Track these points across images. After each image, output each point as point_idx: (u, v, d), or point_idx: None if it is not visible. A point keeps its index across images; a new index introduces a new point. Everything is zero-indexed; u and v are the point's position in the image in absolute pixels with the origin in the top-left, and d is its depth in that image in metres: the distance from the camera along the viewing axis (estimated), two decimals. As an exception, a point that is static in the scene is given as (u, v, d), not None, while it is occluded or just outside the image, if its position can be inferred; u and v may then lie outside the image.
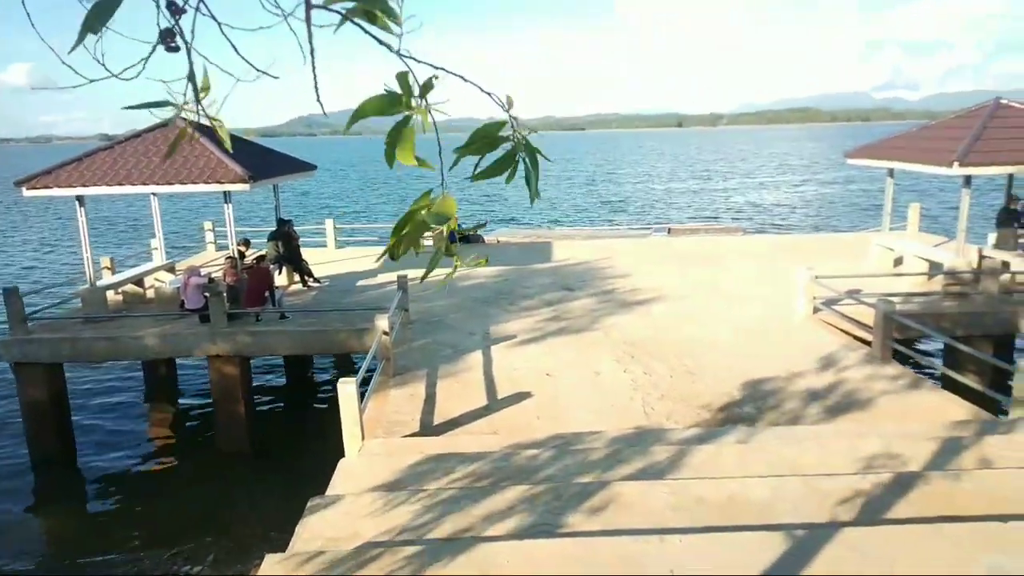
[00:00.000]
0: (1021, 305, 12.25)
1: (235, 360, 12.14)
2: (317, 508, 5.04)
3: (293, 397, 15.48)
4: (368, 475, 5.87)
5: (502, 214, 47.00)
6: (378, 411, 8.48)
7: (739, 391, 9.03)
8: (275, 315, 12.65)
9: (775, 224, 40.29)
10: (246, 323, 12.37)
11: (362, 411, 7.43)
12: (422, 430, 7.92)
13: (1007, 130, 13.63)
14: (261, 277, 12.75)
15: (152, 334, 12.16)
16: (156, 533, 10.18)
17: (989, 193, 40.99)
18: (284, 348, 12.31)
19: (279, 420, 14.40)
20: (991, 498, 5.03)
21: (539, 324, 12.45)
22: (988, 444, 6.25)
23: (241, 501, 11.05)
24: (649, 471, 5.86)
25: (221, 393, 12.33)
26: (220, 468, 11.98)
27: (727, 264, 17.08)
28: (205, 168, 12.80)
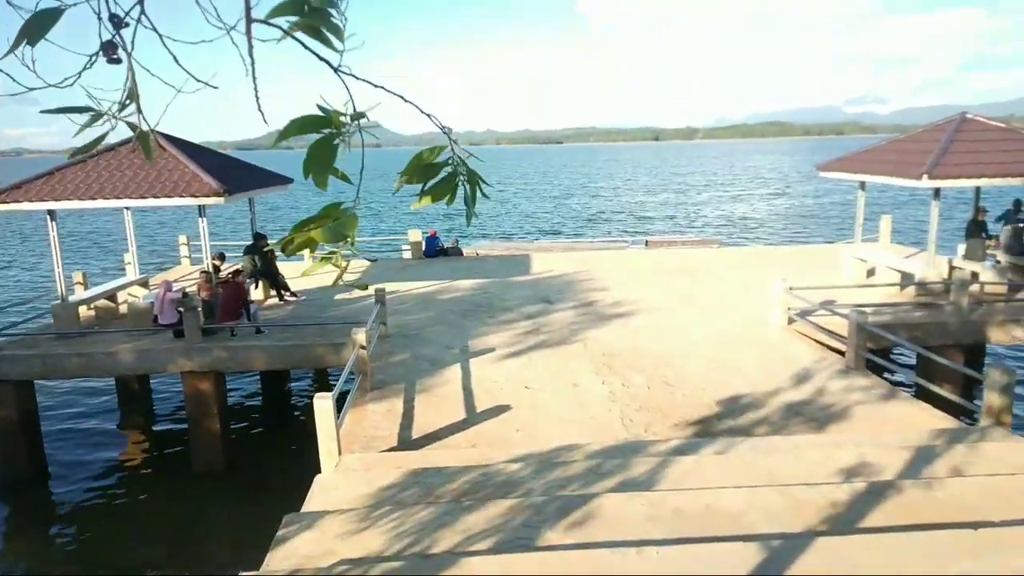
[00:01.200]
0: (990, 315, 12.49)
1: (210, 376, 11.98)
2: (292, 526, 4.98)
3: (269, 413, 15.30)
4: (344, 491, 5.80)
5: (481, 227, 47.03)
6: (355, 426, 8.41)
7: (717, 402, 9.09)
8: (251, 330, 12.52)
9: (750, 236, 40.75)
10: (221, 338, 12.22)
11: (339, 426, 7.37)
12: (400, 445, 7.87)
13: (973, 144, 13.95)
14: (236, 291, 12.62)
15: (125, 350, 11.97)
16: (129, 555, 9.97)
17: (957, 206, 41.88)
18: (260, 363, 12.18)
19: (255, 437, 14.21)
20: (962, 506, 5.10)
21: (518, 337, 12.45)
22: (959, 453, 6.35)
23: (215, 519, 10.88)
24: (628, 484, 5.87)
25: (195, 410, 12.15)
26: (194, 486, 11.78)
27: (704, 276, 17.23)
28: (179, 181, 12.68)
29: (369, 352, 9.98)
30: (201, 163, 13.18)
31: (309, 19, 1.59)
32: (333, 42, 1.59)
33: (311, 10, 1.58)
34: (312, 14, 1.59)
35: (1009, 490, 5.30)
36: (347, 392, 9.50)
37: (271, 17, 1.58)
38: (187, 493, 11.63)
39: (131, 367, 12.18)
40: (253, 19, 1.61)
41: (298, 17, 1.59)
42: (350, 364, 9.29)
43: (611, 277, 17.38)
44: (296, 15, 1.59)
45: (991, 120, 14.96)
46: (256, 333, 12.47)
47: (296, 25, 1.59)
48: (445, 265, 20.00)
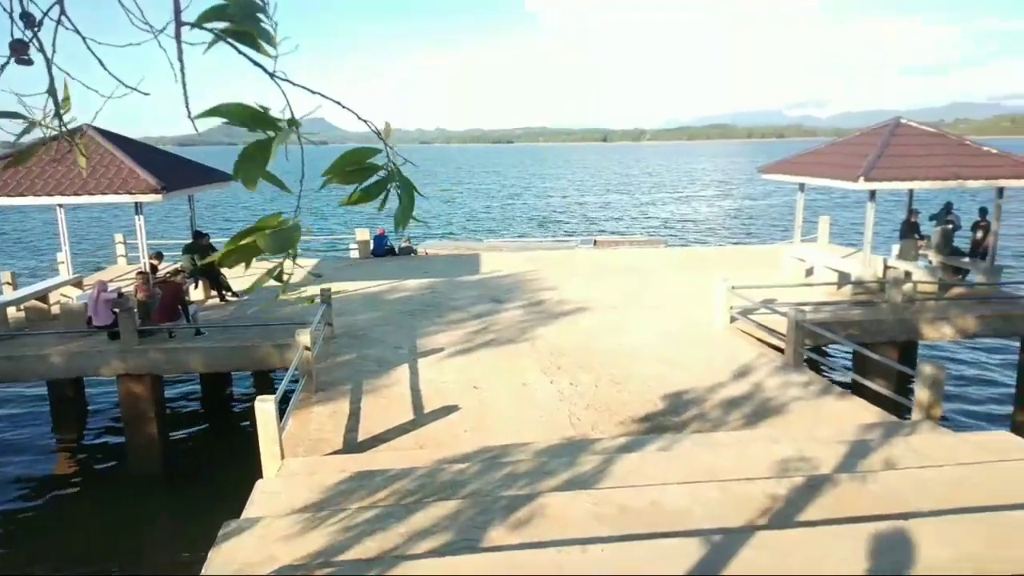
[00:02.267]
0: (922, 313, 12.99)
1: (146, 379, 11.60)
2: (231, 532, 4.84)
3: (210, 416, 14.89)
4: (287, 496, 5.68)
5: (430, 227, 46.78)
6: (299, 429, 8.25)
7: (662, 400, 9.22)
8: (190, 331, 12.16)
9: (695, 236, 41.54)
10: (158, 340, 11.85)
11: (282, 430, 7.22)
12: (346, 447, 7.75)
13: (906, 147, 14.49)
14: (174, 291, 12.25)
15: (57, 352, 11.50)
16: (62, 564, 9.58)
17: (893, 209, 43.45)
18: (199, 365, 11.84)
19: (195, 441, 13.81)
20: (894, 498, 5.28)
21: (467, 336, 12.41)
22: (892, 446, 6.57)
23: (153, 526, 10.53)
24: (574, 481, 5.90)
25: (131, 414, 11.76)
26: (131, 493, 11.39)
27: (650, 275, 17.47)
28: (115, 178, 12.24)
29: (314, 353, 9.80)
30: (138, 159, 12.75)
31: (240, 25, 1.53)
32: (265, 48, 1.54)
33: (240, 16, 1.53)
34: (243, 20, 1.53)
35: (937, 482, 5.51)
36: (291, 394, 9.32)
37: (201, 22, 1.53)
38: (124, 500, 11.24)
39: (63, 370, 11.70)
40: (183, 22, 1.55)
41: (228, 23, 1.54)
42: (294, 365, 9.11)
43: (560, 276, 17.48)
44: (224, 21, 1.53)
45: (923, 125, 15.56)
46: (196, 334, 12.12)
47: (226, 31, 1.54)
48: (393, 264, 19.81)
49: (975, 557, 4.37)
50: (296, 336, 9.44)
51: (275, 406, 6.91)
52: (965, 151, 14.68)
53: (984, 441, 6.70)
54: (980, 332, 13.17)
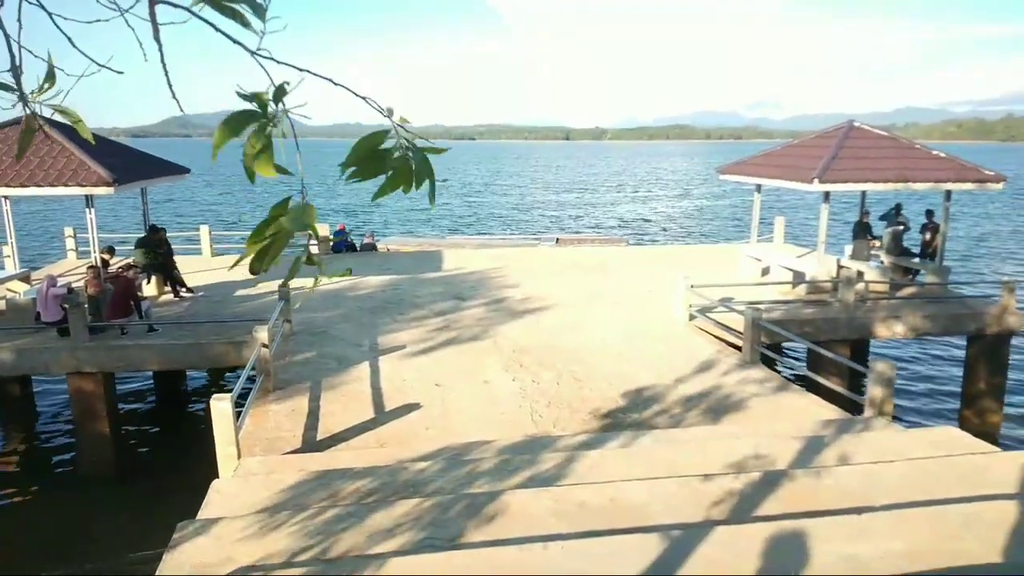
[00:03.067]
0: (874, 312, 13.34)
1: (97, 376, 11.29)
2: (187, 534, 4.73)
3: (164, 415, 14.55)
4: (244, 496, 5.57)
5: (390, 223, 46.42)
6: (256, 428, 8.11)
7: (623, 397, 9.30)
8: (143, 328, 11.86)
9: (656, 235, 42.02)
10: (110, 337, 11.53)
11: (238, 429, 7.08)
12: (305, 446, 7.64)
13: (859, 150, 14.85)
14: (126, 287, 11.92)
15: (3, 349, 11.11)
16: (12, 566, 9.26)
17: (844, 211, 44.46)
18: (153, 363, 11.56)
19: (148, 440, 13.49)
20: (847, 493, 5.41)
21: (429, 334, 12.34)
22: (846, 442, 6.74)
23: (105, 528, 10.25)
24: (536, 479, 5.91)
25: (82, 412, 11.43)
26: (82, 493, 11.08)
27: (612, 273, 17.61)
28: (65, 169, 11.86)
29: (272, 351, 9.64)
30: (89, 150, 12.36)
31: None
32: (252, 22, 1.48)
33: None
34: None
35: (889, 476, 5.66)
36: (249, 392, 9.16)
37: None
38: (75, 500, 10.92)
39: (9, 368, 11.32)
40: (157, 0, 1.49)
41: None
42: (251, 363, 8.94)
43: (522, 274, 17.50)
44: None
45: (875, 128, 15.97)
46: (149, 331, 11.82)
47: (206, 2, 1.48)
48: (355, 261, 19.60)
49: (924, 549, 4.50)
50: (253, 333, 9.27)
51: (231, 404, 6.77)
52: (914, 154, 15.11)
53: (933, 437, 6.91)
54: (929, 330, 13.58)
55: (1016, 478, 5.67)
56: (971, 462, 6.08)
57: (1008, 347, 13.67)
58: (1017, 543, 4.54)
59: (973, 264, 30.62)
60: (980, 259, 32.27)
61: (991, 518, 4.82)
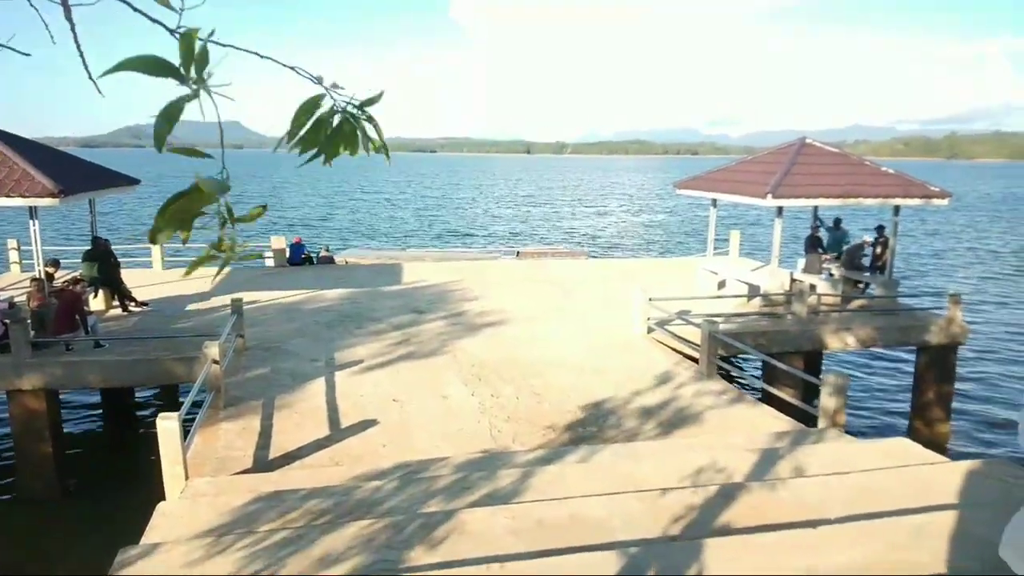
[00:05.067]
0: (826, 323, 13.60)
1: (41, 394, 10.84)
2: (129, 559, 4.51)
3: (111, 433, 14.03)
4: (190, 519, 5.36)
5: (345, 236, 45.95)
6: (206, 447, 7.85)
7: (582, 410, 9.27)
8: (89, 343, 11.45)
9: (614, 248, 42.38)
10: (54, 353, 11.10)
11: (187, 448, 6.85)
12: (256, 466, 7.42)
13: (811, 166, 15.20)
14: (71, 301, 11.51)
15: (-65, 367, 10.60)
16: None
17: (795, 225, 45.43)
18: (99, 380, 11.17)
19: (95, 459, 12.99)
20: (802, 505, 5.45)
21: (387, 348, 12.17)
22: (801, 453, 6.81)
23: (47, 552, 9.77)
24: (494, 496, 5.82)
25: (24, 431, 10.97)
26: (23, 515, 10.58)
27: (571, 286, 17.65)
28: (7, 180, 11.41)
29: (223, 367, 9.38)
30: (33, 160, 11.93)
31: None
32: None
33: None
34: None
35: (843, 488, 5.72)
36: (199, 409, 8.88)
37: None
38: (15, 523, 10.42)
39: (-56, 386, 10.79)
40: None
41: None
42: (200, 380, 8.67)
43: (482, 287, 17.43)
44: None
45: (827, 145, 16.37)
46: (95, 347, 11.42)
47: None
48: (311, 274, 19.29)
49: (878, 560, 4.54)
50: (204, 349, 9.01)
51: (178, 423, 6.53)
52: (864, 171, 15.53)
53: (886, 448, 7.03)
54: (880, 342, 13.90)
55: (962, 487, 5.79)
56: (921, 473, 6.19)
57: (955, 358, 14.06)
58: (963, 552, 4.62)
59: (921, 278, 31.57)
60: (927, 273, 33.29)
61: (939, 529, 4.90)
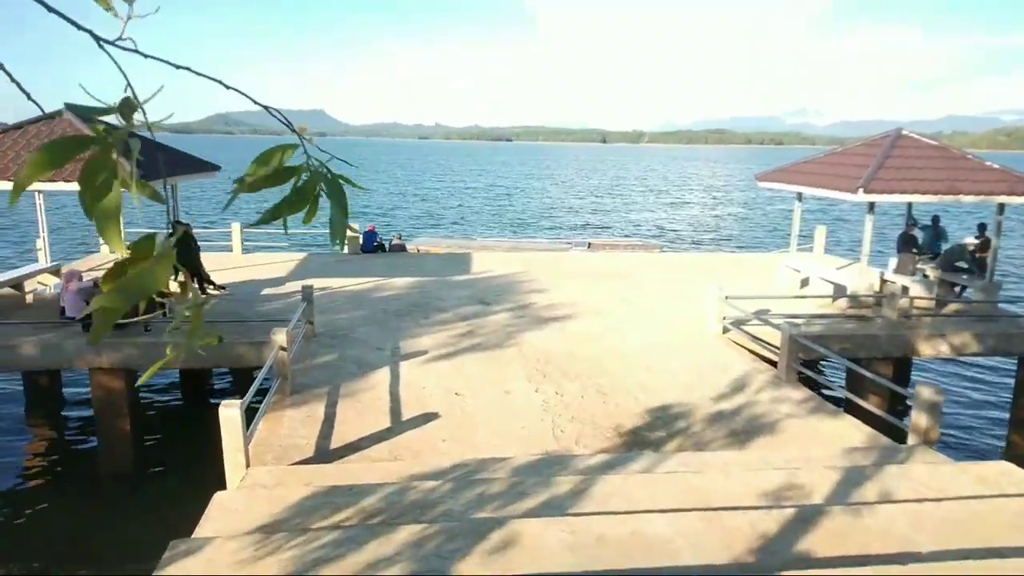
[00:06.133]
0: (918, 329, 12.71)
1: (120, 373, 11.23)
2: (177, 553, 4.49)
3: (188, 414, 14.49)
4: (245, 513, 5.33)
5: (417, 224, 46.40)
6: (270, 434, 7.90)
7: (648, 412, 8.90)
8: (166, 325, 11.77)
9: (690, 242, 41.26)
10: (133, 333, 11.47)
11: (250, 436, 6.88)
12: (317, 455, 7.40)
13: (907, 159, 14.20)
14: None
15: (28, 343, 11.11)
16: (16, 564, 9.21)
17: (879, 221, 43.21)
18: (175, 361, 11.44)
19: (170, 439, 13.42)
20: (889, 534, 4.97)
21: (452, 339, 12.07)
22: (887, 474, 6.26)
23: (118, 529, 10.11)
24: (552, 504, 5.57)
25: (104, 409, 11.39)
26: (100, 491, 11.02)
27: (643, 281, 17.15)
28: (93, 165, 11.83)
29: (291, 353, 9.45)
30: (118, 146, 12.34)
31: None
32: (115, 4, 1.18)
33: None
34: None
35: (935, 517, 5.20)
36: (265, 394, 8.98)
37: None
38: (92, 499, 10.86)
39: (33, 362, 11.31)
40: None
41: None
42: (267, 367, 8.74)
43: (552, 279, 17.14)
44: None
45: (924, 137, 15.27)
46: (173, 329, 11.73)
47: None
48: (382, 261, 19.44)
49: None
50: (272, 335, 9.07)
51: (240, 412, 6.55)
52: (965, 165, 14.40)
53: (984, 474, 6.39)
54: (976, 350, 12.90)
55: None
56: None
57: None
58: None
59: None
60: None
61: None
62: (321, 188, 1.48)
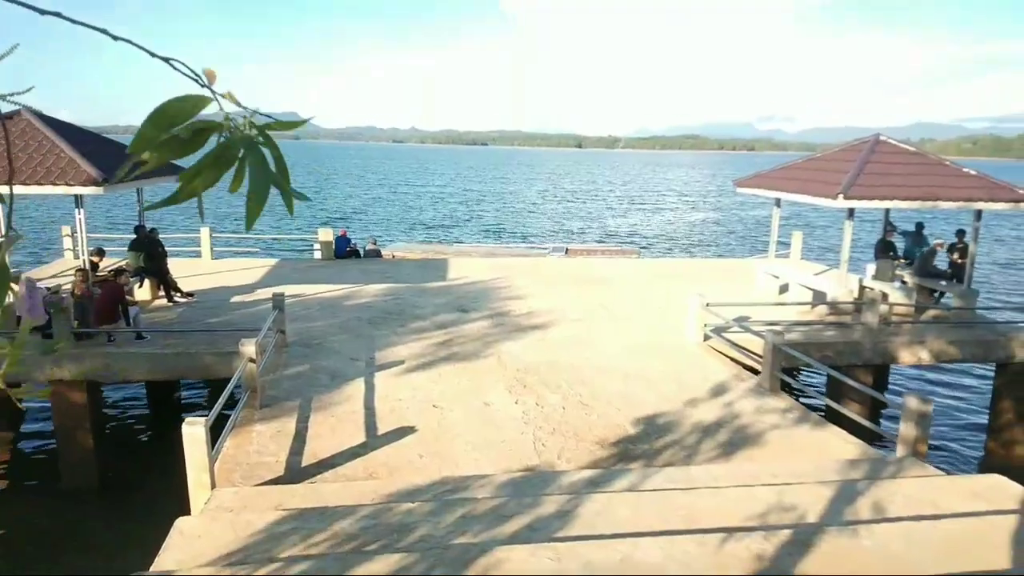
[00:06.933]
0: (898, 335, 12.65)
1: (82, 385, 10.74)
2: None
3: (155, 427, 13.98)
4: (208, 540, 4.97)
5: (391, 230, 45.94)
6: (238, 450, 7.53)
7: (632, 424, 8.67)
8: (131, 335, 11.32)
9: (667, 247, 41.31)
10: (96, 343, 11.00)
11: (215, 455, 6.51)
12: (288, 473, 7.05)
13: (885, 165, 14.17)
14: (113, 291, 11.39)
15: (-18, 355, 10.58)
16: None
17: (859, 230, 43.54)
18: (140, 373, 11.00)
19: (135, 453, 12.90)
20: (888, 556, 4.77)
21: (429, 348, 11.75)
22: (880, 489, 6.09)
23: (82, 547, 9.65)
24: (536, 526, 5.29)
25: (65, 422, 10.89)
26: (61, 508, 10.51)
27: (621, 287, 16.98)
28: (53, 168, 11.35)
29: (262, 364, 9.07)
30: (81, 148, 11.87)
31: None
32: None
33: None
34: None
35: (933, 537, 5.02)
36: (234, 407, 8.60)
37: None
38: (50, 515, 10.34)
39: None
40: None
41: None
42: (235, 379, 8.35)
43: (530, 285, 16.89)
44: None
45: (902, 143, 15.29)
46: (136, 338, 11.28)
47: None
48: (356, 268, 19.04)
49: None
50: (240, 346, 8.69)
51: (205, 429, 6.18)
52: (943, 171, 14.42)
53: (976, 486, 6.24)
54: (955, 356, 12.88)
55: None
56: (1021, 520, 5.42)
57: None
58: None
59: (1005, 289, 29.53)
60: (1010, 284, 31.23)
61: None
62: (250, 149, 1.18)
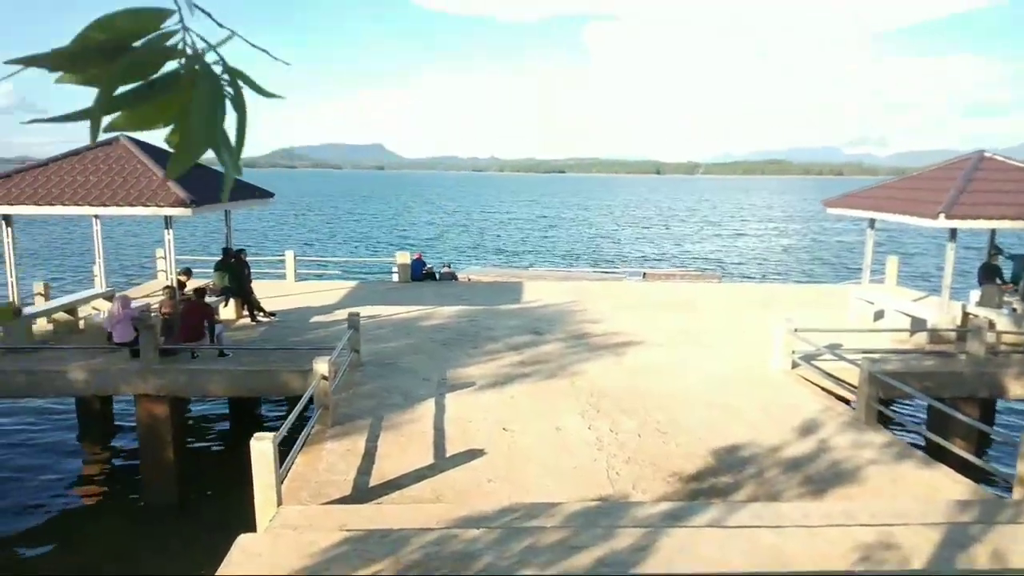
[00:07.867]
0: (1007, 366, 11.62)
1: (165, 400, 11.04)
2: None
3: (235, 442, 14.25)
4: (268, 558, 4.86)
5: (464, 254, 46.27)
6: (307, 468, 7.47)
7: (714, 455, 8.17)
8: (213, 352, 11.59)
9: (750, 272, 39.97)
10: (180, 360, 11.30)
11: (284, 473, 6.45)
12: (355, 493, 6.93)
13: (991, 183, 13.18)
14: (197, 310, 11.72)
15: (77, 368, 11.04)
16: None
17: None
18: (220, 389, 11.23)
19: (216, 469, 13.16)
20: (1015, 612, 4.19)
21: (502, 370, 11.54)
22: (997, 535, 5.43)
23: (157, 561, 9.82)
24: (608, 561, 4.94)
25: (148, 436, 11.20)
26: (143, 522, 10.75)
27: (702, 312, 16.36)
28: (145, 190, 11.84)
29: (336, 383, 9.06)
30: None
31: None
32: None
33: None
34: None
35: (1068, 592, 4.39)
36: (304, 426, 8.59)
37: None
38: (132, 527, 10.60)
39: (80, 387, 11.22)
40: None
41: None
42: (307, 396, 8.35)
43: (605, 309, 16.51)
44: None
45: (1011, 160, 14.21)
46: (219, 356, 11.54)
47: None
48: (431, 290, 19.12)
49: None
50: (313, 364, 8.70)
51: (273, 445, 6.14)
52: (1058, 189, 13.27)
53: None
54: (1075, 391, 11.70)
55: None
56: None
57: None
58: None
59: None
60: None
61: None
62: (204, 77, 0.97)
